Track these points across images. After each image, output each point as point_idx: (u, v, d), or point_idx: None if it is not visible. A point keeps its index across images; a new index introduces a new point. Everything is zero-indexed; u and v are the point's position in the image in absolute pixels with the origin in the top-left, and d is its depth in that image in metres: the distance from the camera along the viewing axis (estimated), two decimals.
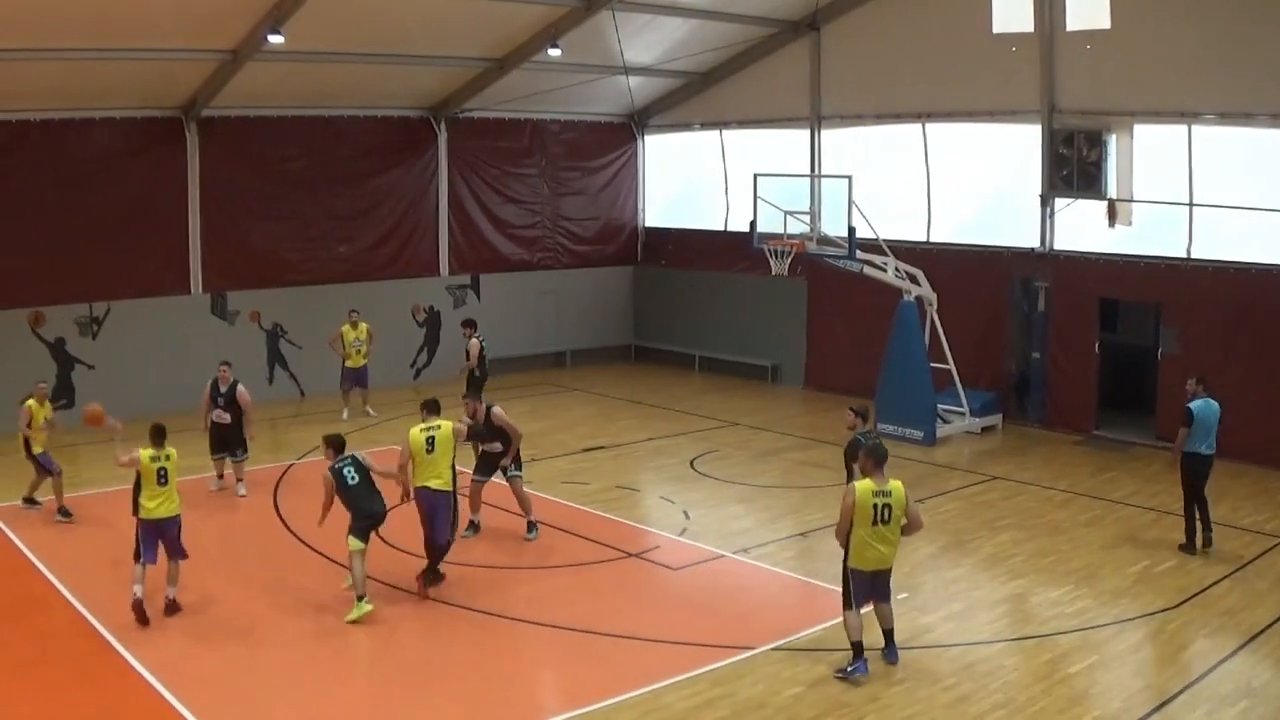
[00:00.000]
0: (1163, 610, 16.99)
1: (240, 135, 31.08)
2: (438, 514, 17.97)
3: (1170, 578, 18.32)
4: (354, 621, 16.60)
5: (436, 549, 18.02)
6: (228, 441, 23.19)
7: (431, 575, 17.92)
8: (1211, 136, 25.65)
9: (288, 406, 30.42)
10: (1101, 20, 26.38)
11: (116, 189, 29.14)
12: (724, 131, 36.25)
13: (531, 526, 20.58)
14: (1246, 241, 25.21)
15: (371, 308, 31.82)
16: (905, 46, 30.43)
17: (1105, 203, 27.19)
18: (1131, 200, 26.97)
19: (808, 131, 33.44)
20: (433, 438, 17.94)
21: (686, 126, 37.75)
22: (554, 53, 29.66)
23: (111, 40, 25.19)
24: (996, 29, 28.20)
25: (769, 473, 24.83)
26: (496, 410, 20.36)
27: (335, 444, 17.62)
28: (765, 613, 17.35)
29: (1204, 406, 20.31)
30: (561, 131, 37.38)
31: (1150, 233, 26.83)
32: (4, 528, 20.73)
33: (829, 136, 33.19)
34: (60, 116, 28.22)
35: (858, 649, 14.86)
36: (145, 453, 17.17)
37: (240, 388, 23.04)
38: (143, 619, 16.38)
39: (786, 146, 33.91)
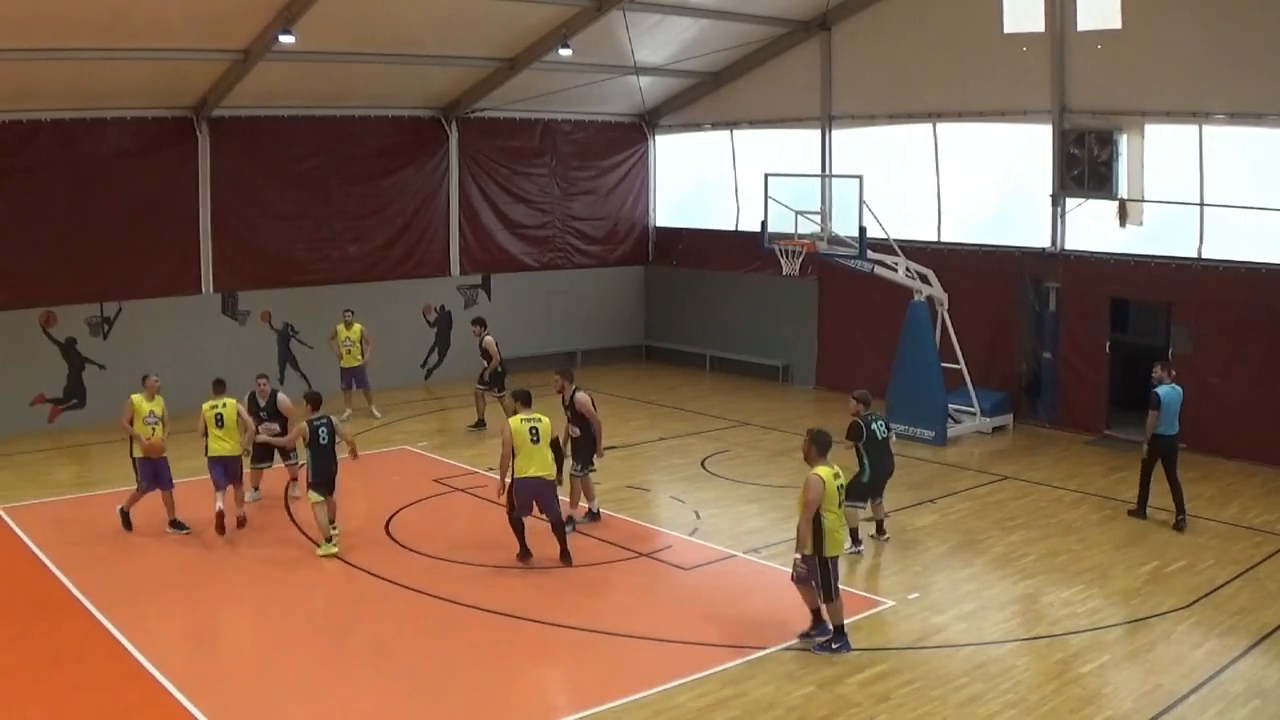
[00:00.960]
0: (1174, 610, 16.97)
1: (251, 135, 31.12)
2: (546, 499, 18.88)
3: (1181, 578, 18.30)
4: (325, 556, 19.20)
5: (560, 526, 19.10)
6: (273, 451, 22.71)
7: (565, 553, 19.02)
8: (1222, 136, 25.61)
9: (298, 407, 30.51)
10: (1112, 20, 26.35)
11: (127, 189, 29.20)
12: (735, 131, 36.26)
13: (591, 515, 21.13)
14: (1257, 241, 25.16)
15: (382, 308, 31.89)
16: (916, 46, 30.41)
17: (1116, 203, 27.16)
18: (1142, 200, 26.95)
19: (818, 131, 33.43)
20: (536, 429, 18.65)
21: (697, 126, 37.75)
22: (565, 53, 29.65)
23: (123, 40, 25.22)
24: (1007, 29, 28.18)
25: (780, 473, 24.81)
26: (580, 395, 20.69)
27: (314, 401, 20.15)
28: (776, 613, 17.31)
29: (1170, 391, 21.23)
30: (572, 131, 37.40)
31: (1161, 233, 26.79)
32: (16, 529, 20.75)
33: (840, 136, 33.18)
34: (71, 116, 28.28)
35: (841, 630, 15.46)
36: (206, 405, 21.01)
37: (281, 397, 22.68)
38: (221, 529, 19.98)
39: (797, 146, 33.90)
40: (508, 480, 18.73)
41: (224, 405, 20.82)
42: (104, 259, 28.95)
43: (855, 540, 19.25)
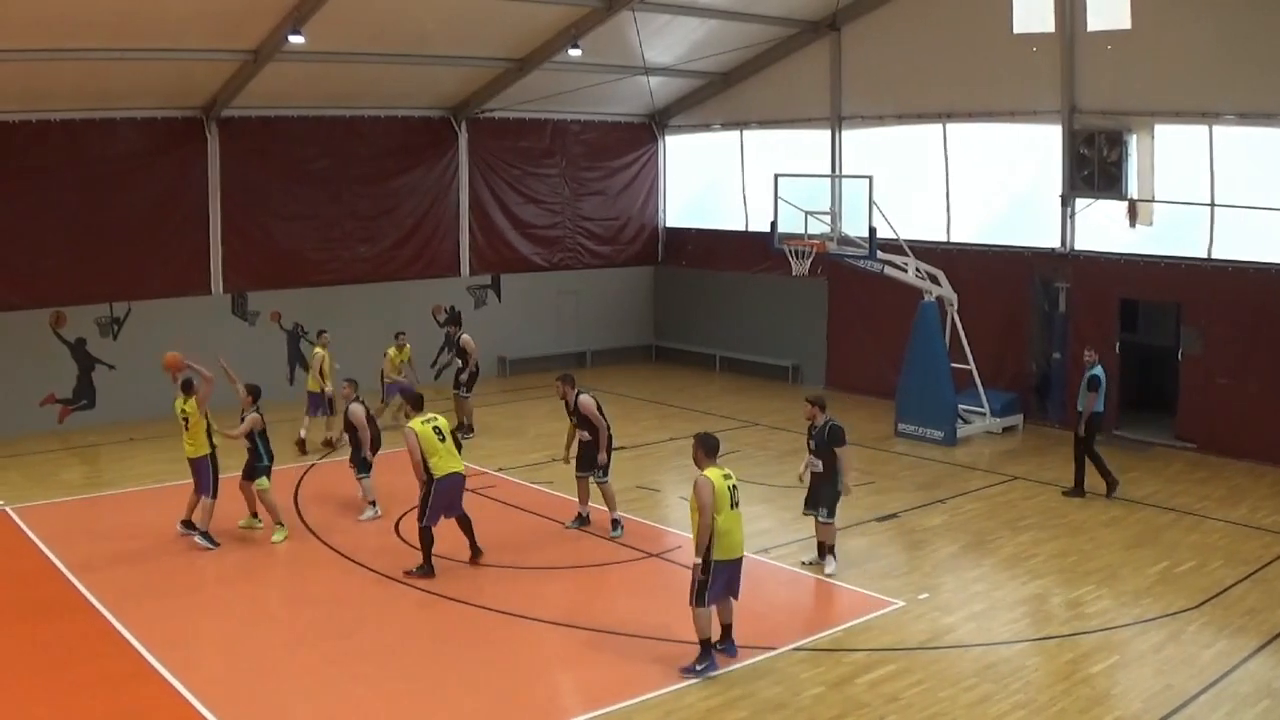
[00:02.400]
0: (1183, 610, 16.96)
1: (261, 135, 31.17)
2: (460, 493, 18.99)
3: (1191, 578, 18.29)
4: (278, 542, 20.06)
5: (468, 521, 19.09)
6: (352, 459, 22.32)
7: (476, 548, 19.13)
8: (1232, 136, 25.60)
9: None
10: (1122, 20, 26.34)
11: (137, 189, 29.27)
12: (744, 132, 36.27)
13: (615, 524, 20.77)
14: (1268, 241, 25.15)
15: (392, 308, 31.94)
16: (926, 47, 30.41)
17: (1126, 203, 27.15)
18: (1152, 200, 26.93)
19: (828, 132, 33.43)
20: (439, 427, 18.68)
21: (707, 127, 37.77)
22: (574, 53, 29.71)
23: (133, 41, 25.28)
24: (1017, 29, 28.17)
25: (789, 473, 24.65)
26: (584, 399, 20.56)
27: (254, 392, 21.07)
28: (786, 613, 17.37)
29: (1102, 373, 22.91)
30: (582, 132, 37.43)
31: (1171, 233, 26.78)
32: (26, 529, 20.78)
33: (849, 136, 33.19)
34: (81, 116, 28.34)
35: (708, 646, 14.97)
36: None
37: (353, 407, 22.15)
38: (303, 450, 24.42)
39: (807, 147, 33.91)
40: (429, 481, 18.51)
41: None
42: (114, 259, 29.00)
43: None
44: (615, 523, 20.75)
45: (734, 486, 14.91)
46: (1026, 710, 13.84)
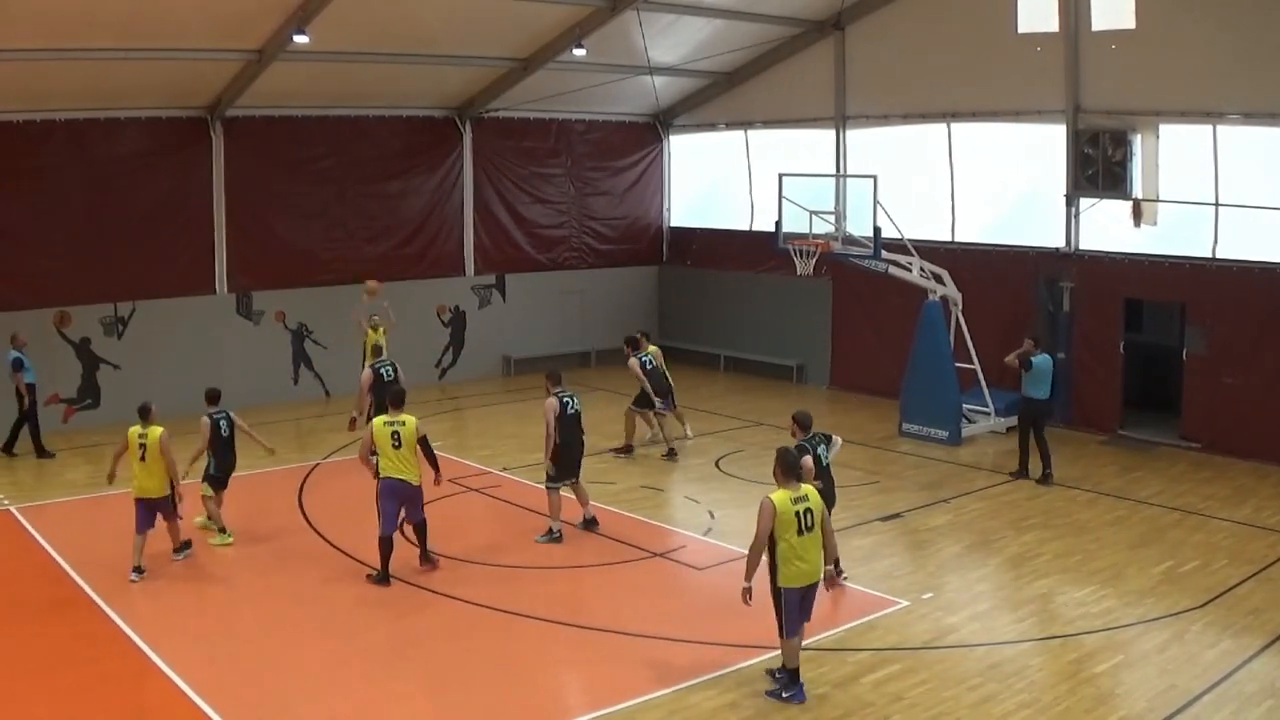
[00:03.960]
0: (1188, 610, 16.96)
1: (265, 135, 31.19)
2: (415, 501, 18.66)
3: (1195, 577, 18.29)
4: (220, 546, 20.00)
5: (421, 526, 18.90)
6: None
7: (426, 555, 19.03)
8: (1237, 136, 25.58)
9: (313, 407, 30.49)
10: (1126, 20, 26.28)
11: (142, 189, 29.27)
12: (749, 131, 36.26)
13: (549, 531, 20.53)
14: (1272, 241, 25.11)
15: (397, 307, 31.87)
16: (930, 46, 30.40)
17: (1130, 203, 27.13)
18: (1157, 200, 26.92)
19: (833, 131, 33.42)
20: (397, 433, 18.31)
21: (711, 126, 37.76)
22: (579, 53, 29.69)
23: (137, 40, 25.29)
24: (1021, 29, 28.11)
25: None
26: (548, 401, 20.49)
27: (212, 397, 20.45)
28: None
29: (1042, 360, 24.06)
30: (586, 131, 37.44)
31: (1175, 232, 26.75)
32: (30, 529, 20.82)
33: (854, 136, 33.18)
34: (86, 116, 28.36)
35: (795, 674, 14.42)
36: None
37: None
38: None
39: (811, 146, 33.89)
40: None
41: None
42: (118, 259, 29.01)
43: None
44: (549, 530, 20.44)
45: (807, 510, 14.10)
46: (1031, 710, 13.84)
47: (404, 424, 18.26)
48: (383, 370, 24.38)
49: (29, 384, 25.99)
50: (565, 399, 20.35)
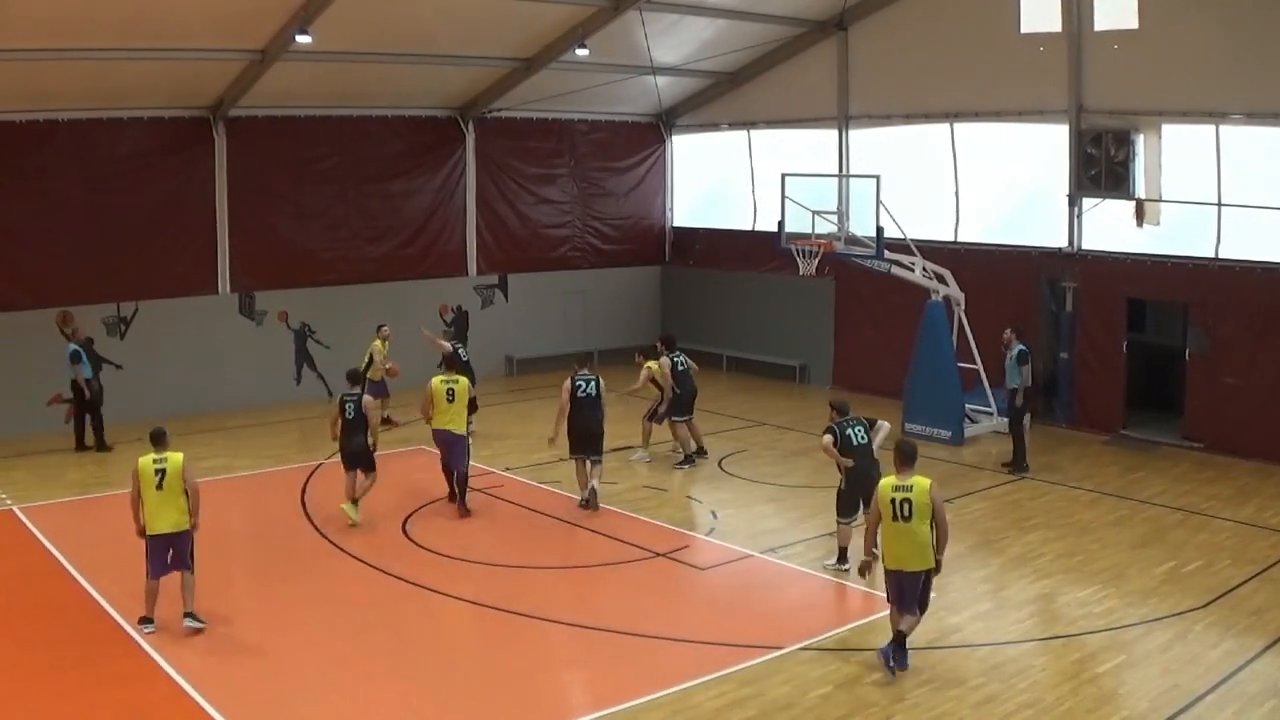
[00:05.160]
0: (1190, 610, 16.97)
1: (268, 135, 31.20)
2: (457, 449, 22.04)
3: (1198, 578, 18.29)
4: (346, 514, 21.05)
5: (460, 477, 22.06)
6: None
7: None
8: (1239, 136, 25.57)
9: (316, 407, 30.50)
10: (1129, 20, 26.31)
11: (144, 189, 29.30)
12: (752, 131, 36.27)
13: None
14: (1275, 241, 25.11)
15: (400, 307, 31.93)
16: (933, 46, 30.41)
17: (1133, 203, 27.13)
18: (1159, 200, 26.92)
19: (835, 131, 33.43)
20: (452, 389, 22.16)
21: (714, 126, 37.77)
22: (581, 53, 29.70)
23: (140, 40, 25.32)
24: (1024, 29, 28.14)
25: (797, 472, 24.84)
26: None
27: (352, 377, 22.00)
28: (793, 613, 17.39)
29: (1030, 351, 25.07)
30: (589, 131, 37.45)
31: (1178, 232, 26.75)
32: (34, 529, 20.82)
33: (857, 136, 33.19)
34: (88, 116, 28.38)
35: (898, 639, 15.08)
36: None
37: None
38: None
39: (814, 146, 33.91)
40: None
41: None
42: (121, 259, 29.03)
43: (842, 558, 18.86)
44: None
45: (905, 501, 14.91)
46: (1033, 710, 13.85)
47: (458, 383, 22.22)
48: (458, 349, 27.30)
49: (87, 379, 26.39)
50: (579, 382, 22.37)
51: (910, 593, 15.09)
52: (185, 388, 29.70)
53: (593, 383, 22.41)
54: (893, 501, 14.93)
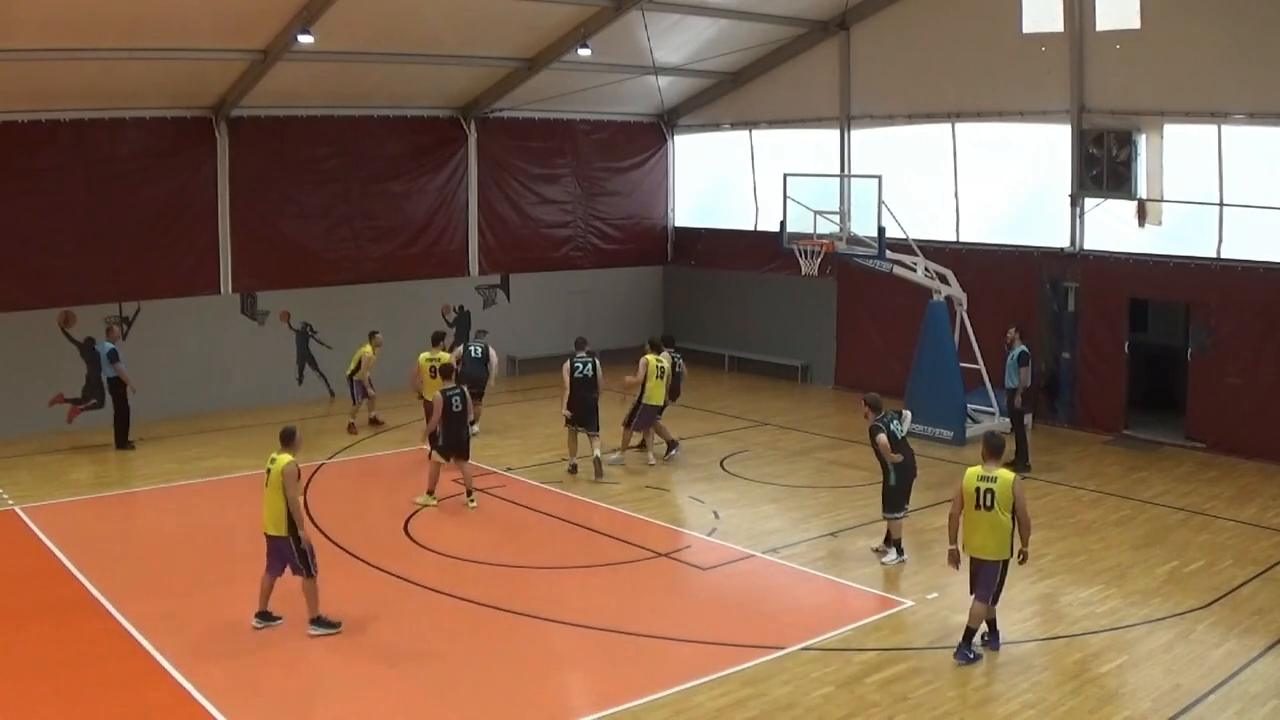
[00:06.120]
0: (1192, 610, 16.96)
1: (270, 135, 31.19)
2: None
3: (1200, 578, 18.29)
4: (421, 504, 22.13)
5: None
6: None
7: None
8: (1241, 136, 25.56)
9: (318, 407, 30.50)
10: (1131, 20, 26.33)
11: (146, 189, 29.31)
12: (754, 131, 36.27)
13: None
14: (1277, 241, 25.10)
15: (401, 307, 31.92)
16: (935, 46, 30.41)
17: (1135, 203, 27.12)
18: (1161, 200, 26.90)
19: (837, 131, 33.43)
20: (434, 366, 25.33)
21: (716, 126, 37.77)
22: (583, 53, 29.70)
23: (143, 40, 25.31)
24: (1026, 29, 28.17)
25: (799, 473, 24.85)
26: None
27: (446, 373, 23.38)
28: (795, 613, 17.37)
29: (1030, 353, 25.23)
30: (591, 131, 37.44)
31: (1180, 232, 26.74)
32: (36, 529, 20.81)
33: (858, 136, 33.18)
34: (91, 116, 28.37)
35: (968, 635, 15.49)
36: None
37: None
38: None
39: (816, 146, 33.93)
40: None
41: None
42: (123, 259, 29.02)
43: (899, 551, 19.38)
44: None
45: (989, 491, 15.25)
46: (1036, 710, 13.84)
47: (439, 359, 25.25)
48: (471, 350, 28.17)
49: (110, 378, 26.65)
50: (577, 363, 24.60)
51: (985, 581, 15.47)
52: (187, 387, 29.70)
53: (589, 364, 24.63)
54: (977, 490, 15.30)
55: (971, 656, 15.27)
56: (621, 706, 13.97)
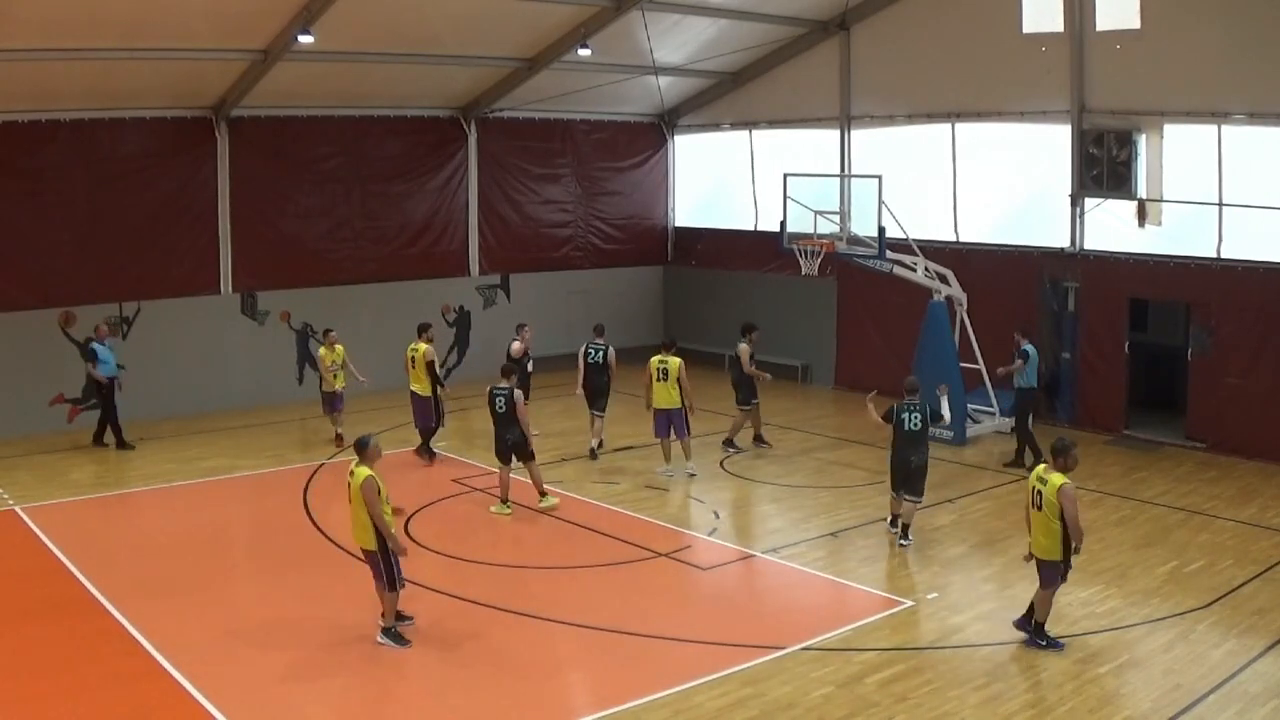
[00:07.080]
0: (1193, 610, 16.96)
1: (270, 135, 31.20)
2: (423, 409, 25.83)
3: (1200, 578, 18.29)
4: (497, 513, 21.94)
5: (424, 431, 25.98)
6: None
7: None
8: (1241, 136, 25.55)
9: (317, 407, 30.45)
10: (1131, 20, 26.33)
11: (146, 189, 29.33)
12: (754, 131, 36.27)
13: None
14: (1277, 241, 25.10)
15: (401, 307, 31.89)
16: (935, 46, 30.41)
17: (1135, 203, 27.12)
18: (1161, 200, 26.90)
19: (837, 131, 33.43)
20: (413, 357, 25.92)
21: (716, 126, 37.78)
22: (584, 53, 29.70)
23: (143, 40, 25.32)
24: (1026, 29, 28.17)
25: (799, 473, 24.85)
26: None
27: (506, 372, 22.39)
28: (795, 613, 17.38)
29: (1034, 351, 25.11)
30: (591, 131, 37.44)
31: (1180, 232, 26.73)
32: (36, 529, 20.82)
33: (859, 136, 33.18)
34: (91, 116, 28.38)
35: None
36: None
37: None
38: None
39: (816, 146, 33.91)
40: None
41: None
42: (123, 259, 29.04)
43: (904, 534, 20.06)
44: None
45: (1038, 492, 15.64)
46: (1036, 710, 13.85)
47: (418, 350, 25.92)
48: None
49: (111, 376, 26.65)
50: (590, 349, 26.67)
51: (1045, 579, 15.82)
52: (187, 387, 29.72)
53: (602, 351, 26.53)
54: (1032, 489, 15.75)
55: (1043, 644, 15.65)
56: (621, 706, 13.97)
